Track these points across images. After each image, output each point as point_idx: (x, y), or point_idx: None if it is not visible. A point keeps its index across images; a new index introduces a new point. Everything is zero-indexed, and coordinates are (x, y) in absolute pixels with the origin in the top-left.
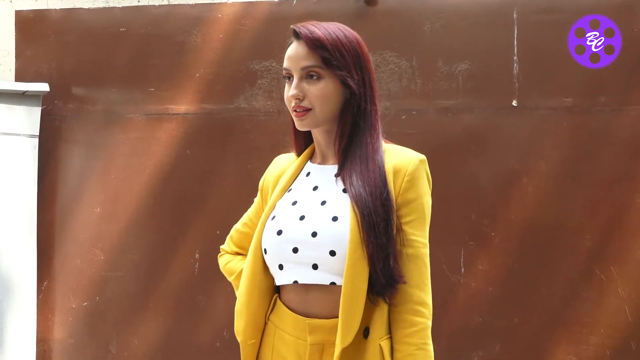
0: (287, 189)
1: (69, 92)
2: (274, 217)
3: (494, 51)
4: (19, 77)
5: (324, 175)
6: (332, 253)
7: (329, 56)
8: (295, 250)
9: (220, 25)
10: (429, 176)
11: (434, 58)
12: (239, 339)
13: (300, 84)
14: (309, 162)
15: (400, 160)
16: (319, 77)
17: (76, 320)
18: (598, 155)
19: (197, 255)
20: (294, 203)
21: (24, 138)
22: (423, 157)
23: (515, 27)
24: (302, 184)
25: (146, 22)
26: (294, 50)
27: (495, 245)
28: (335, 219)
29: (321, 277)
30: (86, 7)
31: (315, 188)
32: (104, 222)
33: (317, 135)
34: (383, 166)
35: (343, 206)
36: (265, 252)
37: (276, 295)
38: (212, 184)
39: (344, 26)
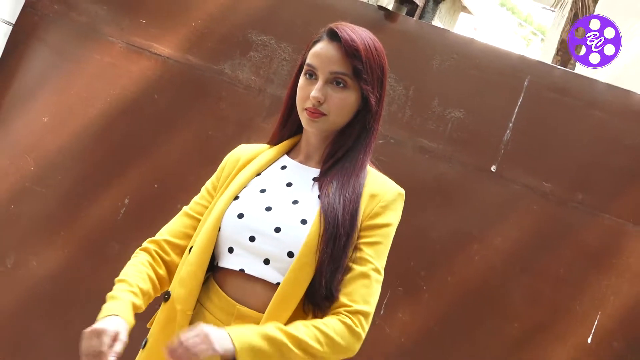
0: (257, 173)
1: None
2: (237, 198)
3: (492, 110)
4: None
5: (301, 174)
6: (290, 254)
7: (361, 68)
8: (252, 238)
9: None
10: (401, 210)
11: (432, 95)
12: (177, 307)
13: (324, 87)
14: (285, 155)
15: (379, 187)
16: (345, 86)
17: None
18: (556, 250)
19: (126, 201)
20: (263, 191)
21: (2, 23)
22: (402, 191)
23: (522, 95)
24: (275, 175)
25: None
26: (327, 50)
27: (423, 300)
28: (304, 222)
29: (270, 274)
30: None
31: (289, 184)
32: (46, 134)
33: (311, 135)
34: (362, 187)
35: (314, 211)
36: (219, 230)
37: (210, 274)
38: (167, 137)
39: (374, 37)
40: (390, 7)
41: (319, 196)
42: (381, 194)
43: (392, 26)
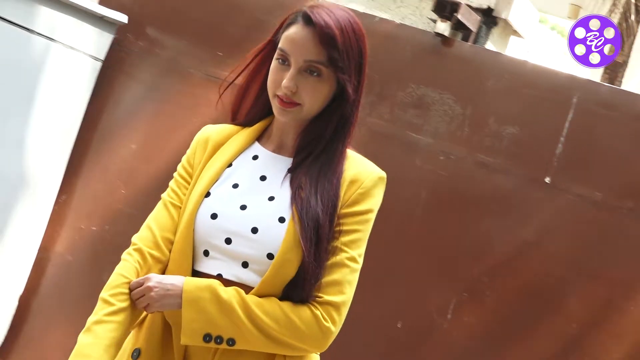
0: (228, 164)
1: (143, 30)
2: (209, 195)
3: (545, 126)
4: (102, 2)
5: (275, 166)
6: (270, 256)
7: (337, 56)
8: (228, 241)
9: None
10: (381, 195)
11: (487, 113)
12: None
13: (297, 76)
14: (257, 143)
15: (359, 171)
16: (320, 75)
17: (81, 241)
18: (609, 254)
19: None
20: (235, 186)
21: (88, 58)
22: (383, 174)
23: (572, 110)
24: (247, 167)
25: None
26: (301, 36)
27: (486, 304)
28: (282, 220)
29: (249, 278)
30: None
31: (263, 178)
32: (135, 160)
33: (283, 123)
34: (341, 176)
35: (291, 207)
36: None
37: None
38: None
39: (355, 18)
40: (446, 34)
41: (293, 191)
42: (360, 180)
43: (449, 51)
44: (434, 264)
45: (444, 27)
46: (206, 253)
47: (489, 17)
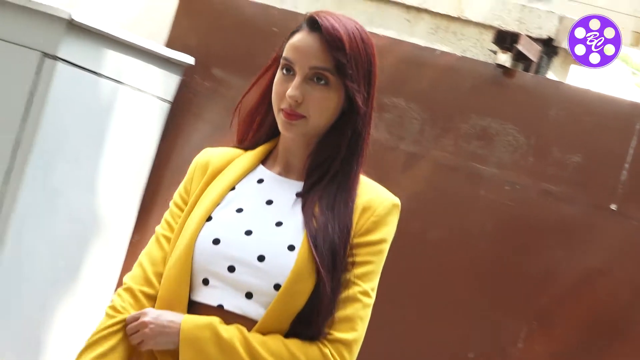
0: (231, 187)
1: (209, 71)
2: (210, 219)
3: (608, 153)
4: (169, 44)
5: (282, 189)
6: (277, 287)
7: (345, 62)
8: (231, 269)
9: None
10: (396, 223)
11: (551, 142)
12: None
13: (302, 84)
14: (261, 166)
15: (372, 198)
16: (327, 84)
17: None
18: None
19: None
20: (239, 210)
21: (157, 100)
22: (398, 201)
23: (635, 137)
24: (252, 190)
25: None
26: (306, 42)
27: (556, 332)
28: (291, 248)
29: (253, 310)
30: None
31: (269, 202)
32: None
33: (290, 141)
34: (354, 203)
35: (302, 234)
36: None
37: None
38: None
39: (362, 27)
40: (507, 65)
41: (305, 217)
42: (373, 207)
43: (511, 82)
44: (502, 294)
45: (504, 59)
46: (206, 282)
47: (549, 47)
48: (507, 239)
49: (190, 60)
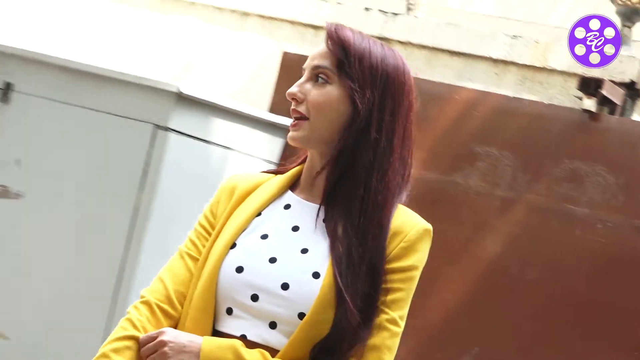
0: (257, 213)
1: None
2: (234, 246)
3: None
4: (272, 109)
5: (308, 215)
6: (302, 316)
7: (345, 61)
8: (254, 297)
9: (455, 105)
10: (427, 250)
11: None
12: None
13: (304, 83)
14: (289, 191)
15: (403, 222)
16: (326, 82)
17: None
18: None
19: None
20: (264, 237)
21: (263, 162)
22: (429, 226)
23: None
24: (278, 216)
25: None
26: (317, 49)
27: None
28: (316, 275)
29: (278, 340)
30: None
31: (295, 228)
32: None
33: (310, 162)
34: (387, 226)
35: (327, 261)
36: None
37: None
38: None
39: (392, 49)
40: (593, 109)
41: (331, 243)
42: (404, 231)
43: (597, 125)
44: (601, 330)
45: (590, 104)
46: (229, 311)
47: (632, 90)
48: (602, 275)
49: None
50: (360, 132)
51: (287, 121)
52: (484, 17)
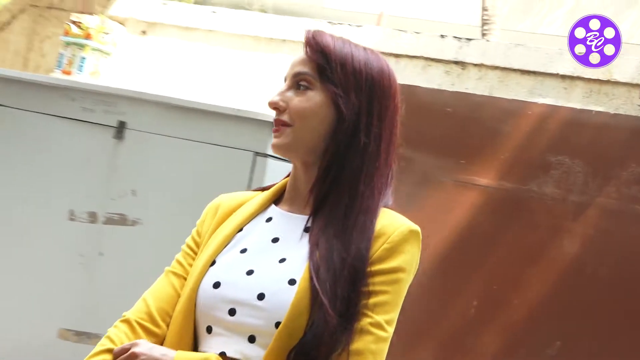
0: (238, 229)
1: (398, 152)
2: (214, 263)
3: None
4: None
5: (289, 226)
6: (279, 325)
7: (325, 66)
8: (232, 312)
9: (528, 120)
10: (416, 253)
11: None
12: None
13: (285, 92)
14: (273, 205)
15: (387, 224)
16: (307, 88)
17: None
18: None
19: (474, 303)
20: (244, 251)
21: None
22: (416, 228)
23: None
24: (259, 230)
25: (469, 106)
26: (297, 58)
27: None
28: (292, 282)
29: (257, 354)
30: (423, 86)
31: (275, 240)
32: None
33: (294, 172)
34: (370, 231)
35: (304, 267)
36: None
37: None
38: (492, 247)
39: (376, 53)
40: None
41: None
42: (387, 234)
43: None
44: None
45: None
46: (209, 330)
47: None
48: None
49: None
50: (348, 138)
51: None
52: (551, 37)
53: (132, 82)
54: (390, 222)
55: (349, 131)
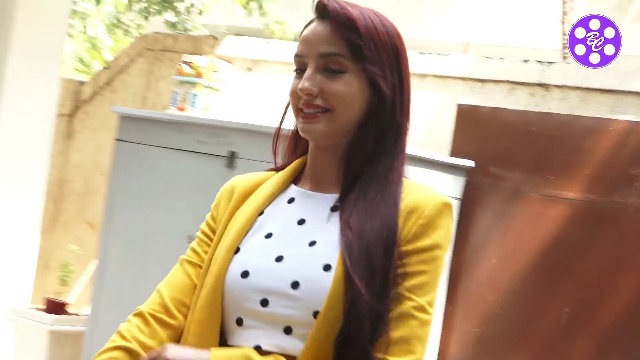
0: (259, 212)
1: (487, 169)
2: (238, 250)
3: None
4: (452, 153)
5: (315, 205)
6: (317, 315)
7: (360, 43)
8: (264, 302)
9: (610, 136)
10: (450, 226)
11: None
12: None
13: (313, 75)
14: (292, 185)
15: (418, 198)
16: (342, 71)
17: (467, 342)
18: None
19: (566, 310)
20: (269, 236)
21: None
22: (449, 200)
23: None
24: (282, 212)
25: (553, 125)
26: (316, 31)
27: None
28: (327, 267)
29: (295, 347)
30: (509, 107)
31: (301, 222)
32: (496, 271)
33: (316, 151)
34: (399, 202)
35: (338, 251)
36: (221, 297)
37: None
38: (581, 256)
39: (381, 14)
40: None
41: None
42: (421, 208)
43: None
44: None
45: None
46: (239, 322)
47: None
48: None
49: (470, 163)
50: (388, 118)
51: (466, 162)
52: (628, 57)
53: (240, 115)
54: (422, 194)
55: (389, 112)
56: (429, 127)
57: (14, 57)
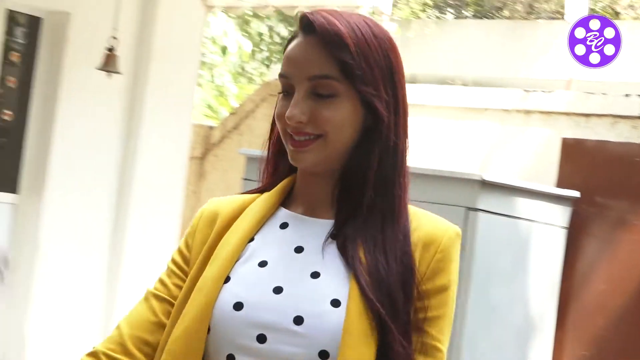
0: (249, 238)
1: (592, 199)
2: (228, 280)
3: None
4: (558, 185)
5: (312, 232)
6: (324, 354)
7: (351, 62)
8: (261, 338)
9: None
10: (458, 256)
11: None
12: None
13: (305, 101)
14: (282, 208)
15: (432, 229)
16: (334, 95)
17: None
18: None
19: None
20: (263, 264)
21: (557, 229)
22: (459, 230)
23: None
24: (276, 238)
25: None
26: (302, 49)
27: None
28: (336, 303)
29: None
30: (612, 140)
31: (299, 249)
32: (605, 296)
33: (307, 175)
34: (409, 234)
35: (347, 285)
36: (208, 331)
37: None
38: None
39: (372, 19)
40: None
41: (347, 261)
42: (437, 240)
43: None
44: None
45: None
46: (230, 358)
47: None
48: None
49: (576, 194)
50: (384, 139)
51: (572, 193)
52: None
53: None
54: (434, 225)
55: (385, 132)
56: (535, 161)
57: (150, 105)
